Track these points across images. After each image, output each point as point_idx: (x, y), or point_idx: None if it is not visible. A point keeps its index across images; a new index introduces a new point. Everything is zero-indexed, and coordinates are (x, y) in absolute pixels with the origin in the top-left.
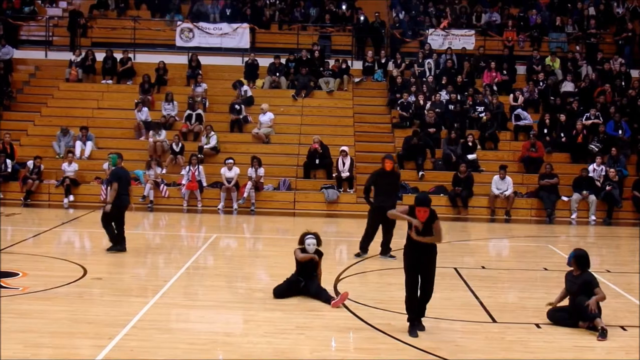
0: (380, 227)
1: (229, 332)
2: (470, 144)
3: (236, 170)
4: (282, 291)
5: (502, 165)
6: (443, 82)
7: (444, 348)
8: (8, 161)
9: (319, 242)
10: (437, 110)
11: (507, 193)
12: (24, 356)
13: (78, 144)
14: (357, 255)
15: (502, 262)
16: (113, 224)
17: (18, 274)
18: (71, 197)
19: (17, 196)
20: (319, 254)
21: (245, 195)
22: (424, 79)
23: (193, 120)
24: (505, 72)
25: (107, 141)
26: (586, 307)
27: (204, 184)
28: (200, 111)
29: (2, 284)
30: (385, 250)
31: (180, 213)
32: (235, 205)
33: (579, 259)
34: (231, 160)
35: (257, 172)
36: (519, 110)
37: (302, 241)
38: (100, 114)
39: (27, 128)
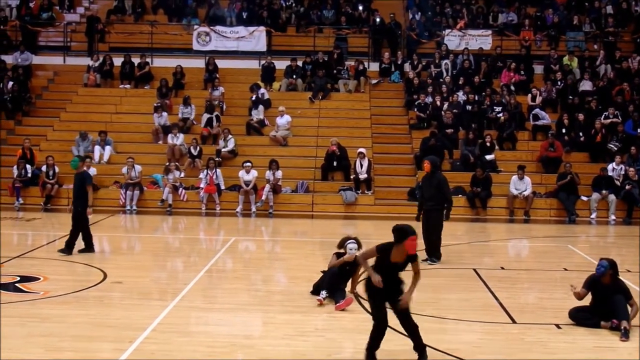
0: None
1: (248, 334)
2: (488, 144)
3: (254, 173)
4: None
5: (520, 166)
6: (460, 82)
7: (463, 349)
8: (28, 166)
9: (360, 247)
10: (454, 111)
11: (525, 193)
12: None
13: (97, 148)
14: (425, 260)
15: (521, 262)
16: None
17: (39, 278)
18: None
19: (37, 201)
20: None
21: (263, 198)
22: (441, 80)
23: (214, 124)
24: (522, 72)
25: (125, 145)
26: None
27: (222, 187)
28: (217, 114)
29: (23, 288)
30: (436, 253)
31: (199, 216)
32: (253, 208)
33: (614, 267)
34: (249, 164)
35: (275, 175)
36: (537, 110)
37: (341, 245)
38: (119, 118)
39: (47, 133)
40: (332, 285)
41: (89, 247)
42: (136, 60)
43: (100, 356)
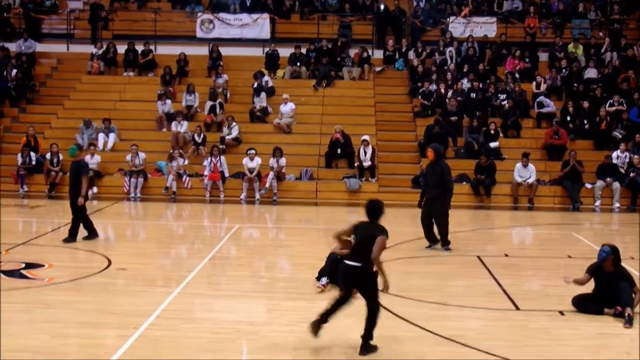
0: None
1: (253, 321)
2: (492, 131)
3: (258, 160)
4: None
5: (524, 153)
6: (465, 70)
7: (467, 335)
8: (32, 154)
9: None
10: (458, 98)
11: (530, 181)
12: (51, 346)
13: (101, 136)
14: (428, 247)
15: (525, 249)
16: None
17: (44, 265)
18: (95, 189)
19: (41, 188)
20: None
21: (267, 185)
22: (445, 68)
23: (218, 111)
24: (527, 59)
25: (129, 133)
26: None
27: (226, 174)
28: (221, 102)
29: (28, 275)
30: (444, 242)
31: (203, 204)
32: (257, 196)
33: (616, 253)
34: (253, 151)
35: (279, 162)
36: (541, 98)
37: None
38: (123, 106)
39: (50, 121)
40: (334, 271)
41: (91, 234)
42: (140, 48)
43: (105, 342)
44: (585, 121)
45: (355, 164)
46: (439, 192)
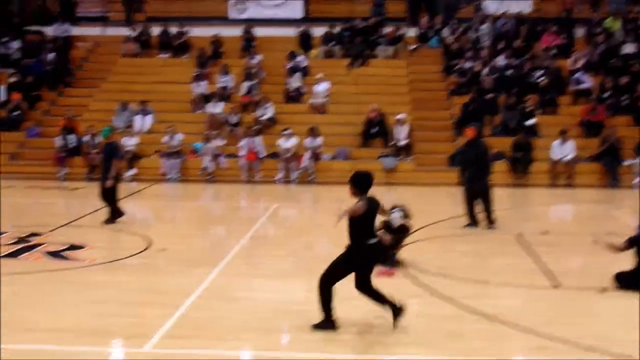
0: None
1: (292, 300)
2: (529, 109)
3: (294, 140)
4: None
5: (562, 130)
6: (500, 47)
7: (507, 313)
8: (71, 137)
9: (406, 215)
10: (494, 76)
11: (567, 158)
12: (94, 326)
13: (137, 118)
14: (467, 226)
15: (564, 227)
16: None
17: (85, 247)
18: (133, 171)
19: (81, 171)
20: (405, 229)
21: (303, 165)
22: (481, 45)
23: (253, 92)
24: (563, 35)
25: (165, 115)
26: None
27: (262, 154)
28: (256, 82)
29: (70, 256)
30: (489, 220)
31: (239, 184)
32: (293, 176)
33: None
34: (289, 131)
35: (315, 142)
36: (578, 74)
37: (388, 213)
38: (158, 88)
39: (88, 104)
40: None
41: (111, 218)
42: (174, 30)
43: (148, 322)
44: (623, 97)
45: (391, 143)
46: (480, 170)
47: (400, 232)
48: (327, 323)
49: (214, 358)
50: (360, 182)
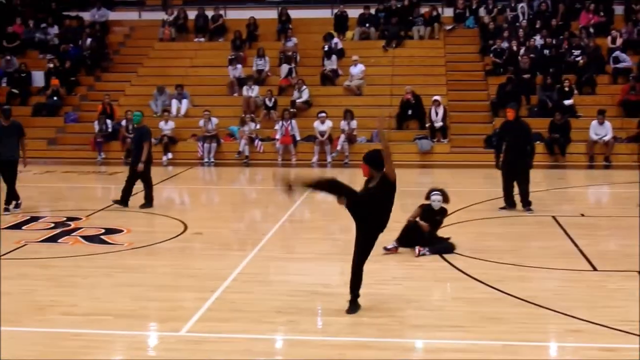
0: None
1: (328, 283)
2: (566, 89)
3: (329, 123)
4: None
5: (600, 110)
6: (537, 26)
7: (543, 297)
8: (108, 121)
9: (445, 199)
10: (531, 55)
11: (606, 138)
12: (132, 309)
13: (174, 102)
14: (502, 208)
15: (601, 209)
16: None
17: (122, 231)
18: (169, 155)
19: (118, 155)
20: (444, 212)
21: (338, 148)
22: (517, 24)
23: (291, 75)
24: (602, 13)
25: (201, 98)
26: None
27: (298, 138)
28: (294, 66)
29: (107, 240)
30: (525, 202)
31: (275, 167)
32: (329, 159)
33: None
34: (324, 114)
35: (350, 125)
36: (617, 53)
37: (427, 197)
38: (194, 71)
39: (125, 88)
40: (403, 236)
41: (122, 200)
42: (210, 13)
43: (184, 305)
44: None
45: (427, 125)
46: (520, 151)
47: (441, 215)
48: (358, 305)
49: (249, 341)
50: (375, 161)
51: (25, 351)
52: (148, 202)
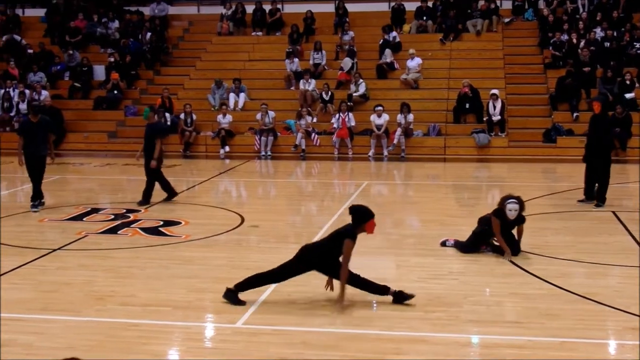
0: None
1: (383, 277)
2: (628, 82)
3: (385, 117)
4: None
5: None
6: (597, 18)
7: (602, 293)
8: (167, 115)
9: (522, 208)
10: (591, 48)
11: None
12: (188, 300)
13: (231, 95)
14: (581, 201)
15: None
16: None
17: (180, 223)
18: (227, 148)
19: (176, 148)
20: (522, 220)
21: (395, 141)
22: (577, 16)
23: (353, 70)
24: None
25: (259, 92)
26: None
27: (354, 131)
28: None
29: (166, 232)
30: (601, 198)
31: (332, 161)
32: (385, 152)
33: None
34: (380, 107)
35: (407, 118)
36: None
37: (502, 204)
38: (252, 65)
39: (183, 82)
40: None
41: (170, 194)
42: (267, 7)
43: (241, 297)
44: None
45: (484, 119)
46: (604, 146)
47: (520, 222)
48: (236, 296)
49: (304, 333)
50: (356, 216)
51: (85, 340)
52: (145, 199)
